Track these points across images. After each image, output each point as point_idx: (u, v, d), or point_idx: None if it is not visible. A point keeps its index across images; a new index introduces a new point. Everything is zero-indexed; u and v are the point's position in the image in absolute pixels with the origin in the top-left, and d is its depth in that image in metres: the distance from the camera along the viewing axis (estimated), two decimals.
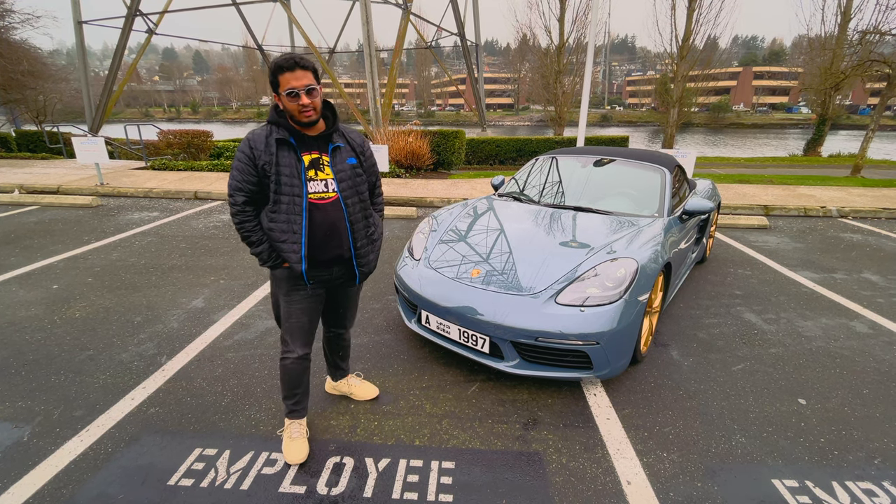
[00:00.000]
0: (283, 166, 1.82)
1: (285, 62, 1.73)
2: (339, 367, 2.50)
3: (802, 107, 61.17)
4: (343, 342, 2.42)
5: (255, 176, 1.83)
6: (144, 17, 19.28)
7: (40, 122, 18.67)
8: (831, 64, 16.39)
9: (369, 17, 12.95)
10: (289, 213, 1.86)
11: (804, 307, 3.81)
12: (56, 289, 3.96)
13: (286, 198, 1.84)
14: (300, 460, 2.07)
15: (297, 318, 2.04)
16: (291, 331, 2.06)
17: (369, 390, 2.55)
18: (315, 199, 1.88)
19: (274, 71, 1.75)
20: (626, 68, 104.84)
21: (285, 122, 1.83)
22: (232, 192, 1.86)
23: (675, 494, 1.94)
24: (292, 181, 1.83)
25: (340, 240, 1.97)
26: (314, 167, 1.89)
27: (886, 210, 7.06)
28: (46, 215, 6.44)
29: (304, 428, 2.18)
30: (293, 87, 1.73)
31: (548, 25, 20.49)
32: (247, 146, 1.82)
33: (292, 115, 1.80)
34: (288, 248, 1.89)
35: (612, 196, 3.66)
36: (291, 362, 2.08)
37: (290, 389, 2.13)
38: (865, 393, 2.65)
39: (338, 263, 2.03)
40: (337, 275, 2.06)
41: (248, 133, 1.87)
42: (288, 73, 1.73)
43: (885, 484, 2.00)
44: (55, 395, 2.52)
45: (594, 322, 2.38)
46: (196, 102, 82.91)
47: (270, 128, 1.85)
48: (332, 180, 1.92)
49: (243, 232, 1.90)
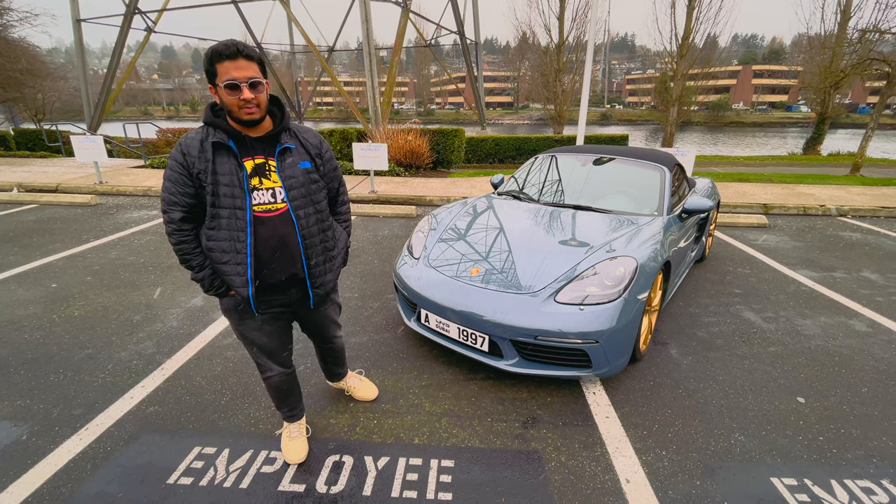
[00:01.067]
0: (222, 174, 1.56)
1: (225, 49, 1.46)
2: (335, 373, 2.44)
3: (802, 105, 61.17)
4: (335, 352, 2.29)
5: (192, 187, 1.57)
6: (143, 16, 19.23)
7: (39, 120, 18.65)
8: (831, 62, 16.38)
9: (368, 16, 12.92)
10: (230, 228, 1.60)
11: (803, 306, 3.81)
12: (55, 287, 3.96)
13: (226, 211, 1.58)
14: (300, 460, 2.07)
15: (262, 343, 1.84)
16: (260, 356, 1.89)
17: (369, 391, 2.52)
18: (260, 211, 1.61)
19: (211, 58, 1.47)
20: (626, 67, 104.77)
21: (223, 123, 1.57)
22: (166, 208, 1.59)
23: (674, 493, 1.94)
24: (233, 191, 1.57)
25: (293, 258, 1.71)
26: (258, 174, 1.60)
27: (886, 209, 7.06)
28: (45, 214, 6.43)
29: (303, 427, 2.18)
30: (234, 79, 1.46)
31: (547, 24, 20.46)
32: (179, 153, 1.55)
33: (231, 111, 1.54)
34: (231, 271, 1.64)
35: (611, 195, 3.66)
36: (276, 380, 1.96)
37: (282, 400, 2.07)
38: (864, 391, 2.66)
39: (294, 285, 1.79)
40: (296, 297, 1.83)
41: (182, 137, 1.62)
42: (228, 62, 1.46)
43: (883, 482, 2.00)
44: (54, 394, 2.52)
45: (593, 320, 2.38)
46: (195, 101, 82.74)
47: (206, 129, 1.59)
48: (280, 188, 1.64)
49: (182, 254, 1.64)
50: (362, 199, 7.48)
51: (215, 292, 1.71)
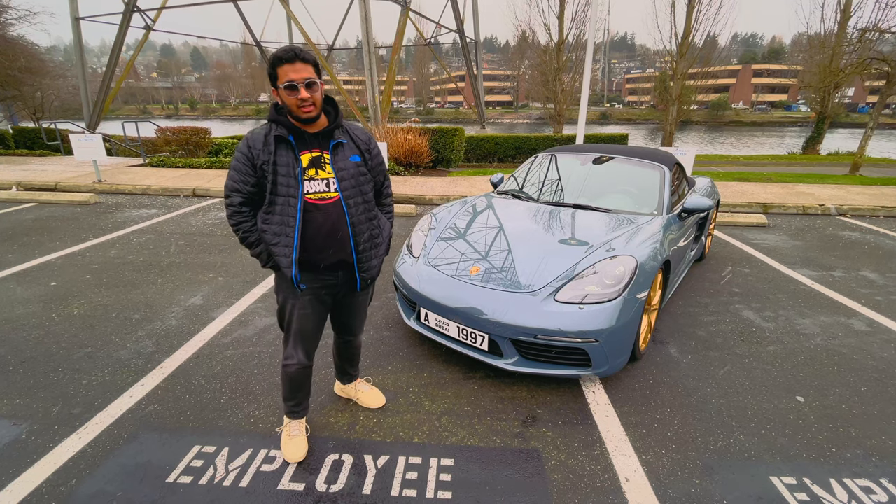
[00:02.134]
0: (280, 165, 1.75)
1: (284, 53, 1.64)
2: (347, 373, 2.45)
3: (801, 105, 61.17)
4: (352, 349, 2.35)
5: (254, 177, 1.77)
6: (142, 14, 19.20)
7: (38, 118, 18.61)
8: (830, 62, 16.37)
9: (368, 14, 12.90)
10: (283, 214, 1.78)
11: (802, 305, 3.82)
12: (54, 286, 3.95)
13: (281, 199, 1.77)
14: (299, 458, 2.07)
15: (298, 324, 1.97)
16: (293, 337, 2.00)
17: (376, 398, 2.48)
18: (315, 199, 1.79)
19: (273, 63, 1.66)
20: (626, 66, 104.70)
21: (285, 120, 1.76)
22: (229, 193, 1.80)
23: (674, 491, 1.94)
24: (288, 181, 1.75)
25: (342, 243, 1.87)
26: (314, 166, 1.80)
27: (885, 208, 7.06)
28: (44, 212, 6.42)
29: (303, 426, 2.18)
30: (292, 80, 1.64)
31: (547, 23, 20.43)
32: (245, 146, 1.75)
33: (291, 110, 1.71)
34: (279, 252, 1.81)
35: (611, 194, 3.66)
36: (294, 370, 2.04)
37: (292, 393, 2.11)
38: (863, 390, 2.66)
39: (342, 268, 1.94)
40: (342, 280, 1.98)
41: (247, 132, 1.82)
42: (287, 66, 1.64)
43: (882, 481, 2.00)
44: (53, 393, 2.52)
45: (593, 319, 2.38)
46: (194, 99, 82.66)
47: (270, 126, 1.78)
48: (333, 179, 1.82)
49: (241, 233, 1.85)
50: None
51: (272, 265, 1.89)
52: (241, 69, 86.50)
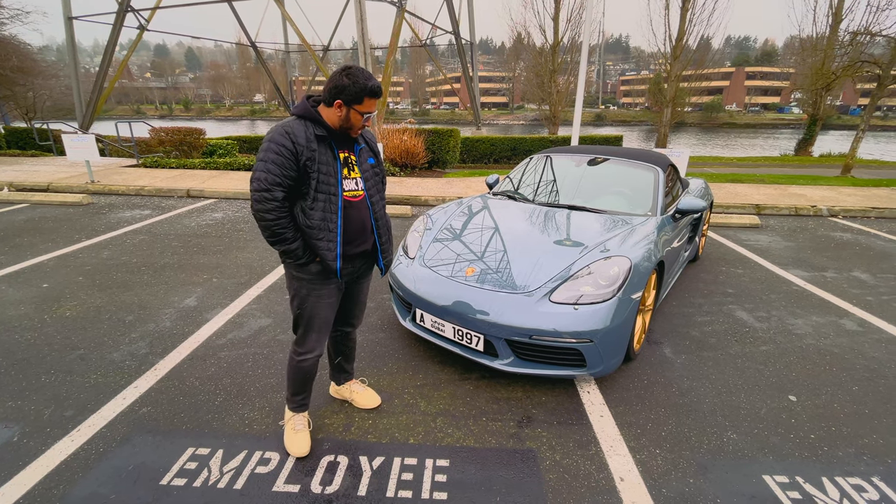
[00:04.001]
0: (322, 163, 1.82)
1: (377, 90, 1.80)
2: (344, 370, 2.46)
3: (794, 107, 61.70)
4: (350, 342, 2.40)
5: (296, 171, 1.78)
6: (136, 13, 19.08)
7: (30, 119, 18.47)
8: (822, 64, 16.54)
9: (363, 15, 12.90)
10: (325, 210, 1.86)
11: (795, 305, 3.85)
12: (46, 287, 3.92)
13: (323, 195, 1.84)
14: (304, 452, 2.09)
15: (324, 313, 2.04)
16: (318, 328, 2.05)
17: (371, 399, 2.48)
18: (349, 196, 1.93)
19: (366, 92, 1.77)
20: (620, 68, 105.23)
21: (322, 120, 1.83)
22: (269, 187, 1.75)
23: (668, 491, 1.95)
24: (329, 179, 1.84)
25: (367, 236, 2.04)
26: (346, 166, 1.93)
27: (876, 209, 7.14)
28: (36, 213, 6.36)
29: (307, 420, 2.21)
30: (370, 112, 1.83)
31: (542, 24, 20.54)
32: (288, 140, 1.74)
33: (347, 126, 1.84)
34: (324, 246, 1.88)
35: (605, 195, 3.67)
36: (311, 363, 2.09)
37: (304, 386, 2.16)
38: (855, 389, 2.69)
39: (361, 257, 2.09)
40: (358, 267, 2.11)
41: (279, 126, 1.80)
42: (374, 99, 1.81)
43: (874, 479, 2.02)
44: (46, 395, 2.50)
45: (588, 320, 2.39)
46: (188, 100, 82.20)
47: (305, 123, 1.82)
48: (360, 179, 1.97)
49: (278, 228, 1.82)
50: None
51: (306, 260, 1.92)
52: (235, 69, 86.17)
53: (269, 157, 1.74)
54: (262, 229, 1.83)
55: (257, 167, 1.76)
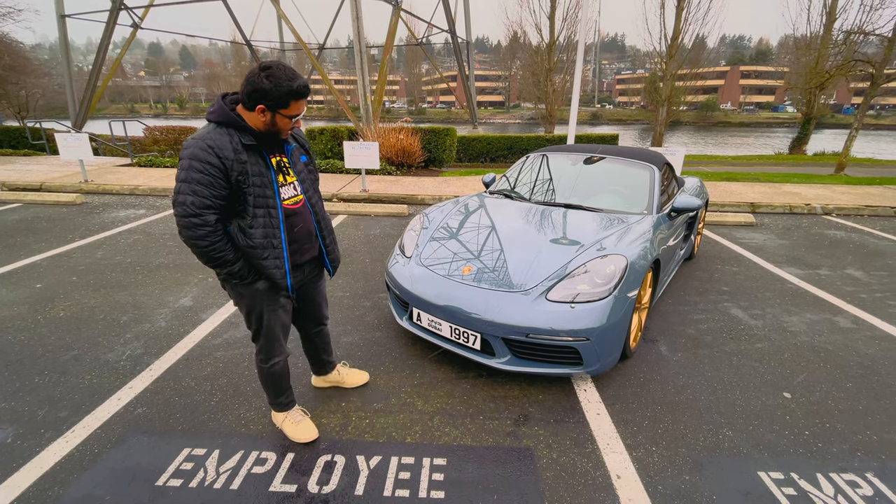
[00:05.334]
0: (255, 175, 1.66)
1: (304, 90, 1.62)
2: (326, 362, 2.53)
3: (788, 106, 62.06)
4: (326, 337, 2.43)
5: (227, 189, 1.61)
6: (129, 11, 18.92)
7: (22, 117, 18.30)
8: (816, 63, 16.63)
9: (359, 14, 12.85)
10: (266, 226, 1.72)
11: (789, 303, 3.88)
12: (40, 288, 3.89)
13: (261, 210, 1.69)
14: (313, 437, 2.15)
15: (283, 320, 2.00)
16: (279, 335, 2.01)
17: (360, 376, 2.62)
18: (290, 204, 1.80)
19: (291, 95, 1.60)
20: (616, 67, 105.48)
21: (246, 125, 1.63)
22: (198, 211, 1.57)
23: (664, 488, 1.96)
24: (265, 192, 1.69)
25: (313, 241, 1.98)
26: (281, 171, 1.77)
27: (869, 207, 7.20)
28: (29, 213, 6.31)
29: (301, 410, 2.26)
30: (298, 114, 1.67)
31: (538, 23, 20.53)
32: (213, 155, 1.55)
33: (275, 130, 1.67)
34: (270, 265, 1.76)
35: (601, 193, 3.68)
36: (280, 366, 2.08)
37: (282, 388, 2.17)
38: (849, 386, 2.71)
39: (308, 264, 2.05)
40: (307, 272, 2.07)
41: (197, 139, 1.57)
42: (301, 101, 1.65)
43: (868, 475, 2.04)
44: (39, 396, 2.48)
45: (584, 318, 2.40)
46: (183, 98, 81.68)
47: (228, 130, 1.61)
48: (297, 182, 1.84)
49: (215, 253, 1.66)
50: (354, 197, 7.45)
51: (251, 279, 1.80)
52: (230, 68, 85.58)
53: (193, 176, 1.55)
54: (198, 255, 1.67)
55: (180, 189, 1.56)
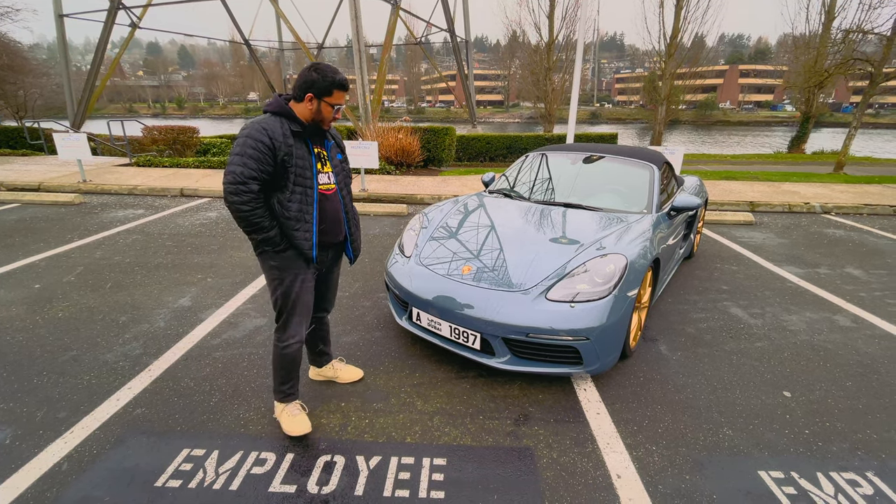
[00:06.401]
0: (299, 158, 1.94)
1: (345, 82, 1.94)
2: (325, 353, 2.60)
3: (787, 105, 62.09)
4: (325, 326, 2.54)
5: (273, 166, 1.88)
6: (128, 11, 18.88)
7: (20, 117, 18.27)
8: (815, 62, 16.65)
9: (358, 13, 12.83)
10: (301, 203, 1.98)
11: (789, 302, 3.87)
12: (38, 288, 3.88)
13: (300, 188, 1.96)
14: (306, 430, 2.19)
15: (306, 297, 2.15)
16: (300, 312, 2.15)
17: (354, 373, 2.68)
18: (324, 189, 2.06)
19: (335, 85, 1.91)
20: (615, 66, 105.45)
21: (295, 115, 1.94)
22: (245, 180, 1.84)
23: (664, 487, 1.96)
24: (305, 172, 1.97)
25: (340, 227, 2.19)
26: (320, 161, 2.06)
27: (868, 206, 7.20)
28: (27, 213, 6.29)
29: (300, 405, 2.29)
30: (340, 104, 1.97)
31: (537, 22, 20.55)
32: (266, 136, 1.85)
33: (319, 119, 1.97)
34: (300, 236, 2.00)
35: (601, 193, 3.68)
36: (296, 349, 2.18)
37: (291, 374, 2.24)
38: (848, 385, 2.71)
39: (333, 248, 2.24)
40: (331, 257, 2.27)
41: (255, 122, 1.90)
42: (343, 92, 1.95)
43: (868, 474, 2.04)
44: (38, 397, 2.47)
45: (584, 318, 2.39)
46: (182, 98, 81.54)
47: (280, 119, 1.92)
48: (332, 173, 2.12)
49: (255, 218, 1.91)
50: (353, 197, 7.42)
51: (283, 247, 2.01)
52: (229, 67, 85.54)
53: (247, 151, 1.83)
54: (239, 220, 1.91)
55: (233, 161, 1.84)
